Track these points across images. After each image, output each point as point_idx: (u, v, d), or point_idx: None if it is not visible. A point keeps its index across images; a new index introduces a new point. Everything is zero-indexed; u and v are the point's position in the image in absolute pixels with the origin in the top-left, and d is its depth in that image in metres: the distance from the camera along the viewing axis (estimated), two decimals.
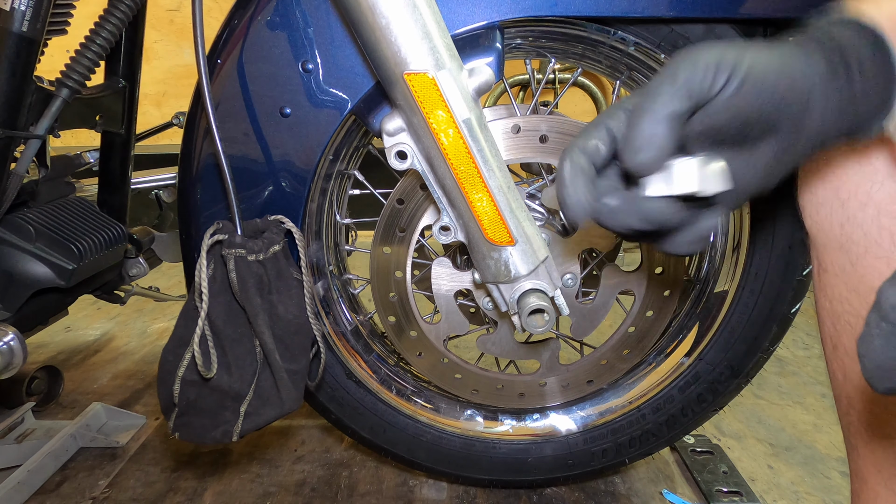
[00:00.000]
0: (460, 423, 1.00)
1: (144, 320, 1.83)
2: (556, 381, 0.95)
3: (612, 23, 0.77)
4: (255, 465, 1.13)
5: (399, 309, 0.89)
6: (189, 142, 0.80)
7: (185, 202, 0.82)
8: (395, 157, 0.71)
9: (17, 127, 0.82)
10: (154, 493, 1.07)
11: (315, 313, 0.79)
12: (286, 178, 0.80)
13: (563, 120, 0.79)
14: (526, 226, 0.72)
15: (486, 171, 0.68)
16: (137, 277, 1.15)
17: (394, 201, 0.82)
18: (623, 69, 0.87)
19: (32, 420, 1.22)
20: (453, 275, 0.86)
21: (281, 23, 0.73)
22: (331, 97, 0.75)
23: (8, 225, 0.87)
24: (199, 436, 0.79)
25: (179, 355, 0.75)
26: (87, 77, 0.87)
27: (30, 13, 0.77)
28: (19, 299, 0.88)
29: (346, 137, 0.84)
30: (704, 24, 0.76)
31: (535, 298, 0.74)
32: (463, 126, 0.65)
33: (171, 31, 2.44)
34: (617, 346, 0.92)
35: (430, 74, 0.63)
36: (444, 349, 0.91)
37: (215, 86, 0.75)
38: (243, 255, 0.73)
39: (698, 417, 0.95)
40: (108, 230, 0.99)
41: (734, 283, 0.89)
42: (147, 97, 2.46)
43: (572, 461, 0.99)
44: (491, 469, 1.00)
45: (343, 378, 0.95)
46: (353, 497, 1.04)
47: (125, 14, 0.89)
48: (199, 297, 0.73)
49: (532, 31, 0.80)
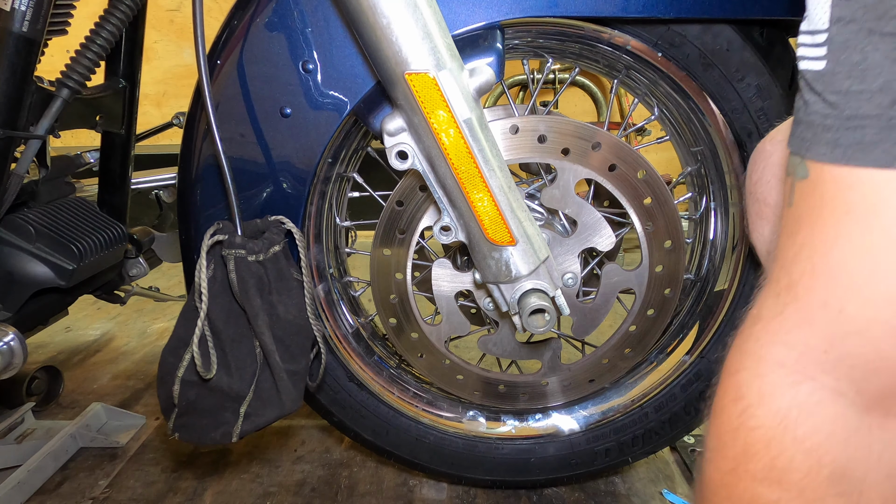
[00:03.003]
0: (463, 423, 1.00)
1: (144, 320, 1.83)
2: (557, 381, 0.95)
3: (611, 22, 0.77)
4: (255, 465, 1.13)
5: (400, 310, 0.89)
6: (189, 142, 0.80)
7: (185, 202, 0.82)
8: (395, 157, 0.71)
9: (17, 127, 0.81)
10: (154, 493, 1.07)
11: (315, 314, 0.79)
12: (286, 178, 0.80)
13: (562, 119, 0.79)
14: (527, 225, 0.72)
15: (486, 171, 0.68)
16: (137, 277, 1.15)
17: (393, 203, 0.82)
18: (621, 68, 0.87)
19: (32, 420, 1.22)
20: (454, 276, 0.86)
21: (280, 23, 0.73)
22: (331, 97, 0.75)
23: (8, 225, 0.87)
24: (198, 436, 0.79)
25: (179, 356, 0.75)
26: (87, 77, 0.87)
27: (30, 13, 0.77)
28: (19, 299, 0.88)
29: (346, 138, 0.84)
30: (701, 24, 0.76)
31: (536, 298, 0.74)
32: (464, 126, 0.65)
33: (171, 31, 2.44)
34: (618, 345, 0.92)
35: (431, 74, 0.63)
36: (446, 350, 0.91)
37: (215, 86, 0.75)
38: (243, 256, 0.73)
39: (701, 415, 0.95)
40: (108, 230, 0.99)
41: (734, 281, 0.89)
42: (147, 97, 2.46)
43: (575, 461, 0.99)
44: (494, 470, 1.00)
45: (345, 380, 0.95)
46: (353, 497, 1.04)
47: (125, 14, 0.89)
48: (198, 297, 0.73)
49: (530, 30, 0.80)
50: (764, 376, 0.39)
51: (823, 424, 0.37)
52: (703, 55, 0.78)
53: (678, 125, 0.91)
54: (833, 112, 0.35)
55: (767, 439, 0.39)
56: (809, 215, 0.37)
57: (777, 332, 0.39)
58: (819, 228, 0.37)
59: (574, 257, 0.83)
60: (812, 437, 0.38)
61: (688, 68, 0.79)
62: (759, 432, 0.39)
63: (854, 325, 0.35)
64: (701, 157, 0.90)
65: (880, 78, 0.33)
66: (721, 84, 0.79)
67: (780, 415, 0.38)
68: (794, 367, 0.38)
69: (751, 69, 0.78)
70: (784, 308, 0.39)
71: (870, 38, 0.33)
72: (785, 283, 0.39)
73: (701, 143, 0.88)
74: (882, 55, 0.33)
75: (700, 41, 0.77)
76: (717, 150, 0.86)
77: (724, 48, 0.77)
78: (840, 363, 0.36)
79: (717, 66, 0.78)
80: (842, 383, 0.37)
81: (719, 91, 0.79)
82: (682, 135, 0.92)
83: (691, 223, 0.99)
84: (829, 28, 0.35)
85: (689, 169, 0.94)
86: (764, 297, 0.41)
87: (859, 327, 0.35)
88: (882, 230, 0.34)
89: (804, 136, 0.37)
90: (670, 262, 0.85)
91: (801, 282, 0.38)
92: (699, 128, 0.86)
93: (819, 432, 0.37)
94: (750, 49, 0.77)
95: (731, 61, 0.77)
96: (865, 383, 0.36)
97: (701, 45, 0.77)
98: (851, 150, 0.34)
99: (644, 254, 0.85)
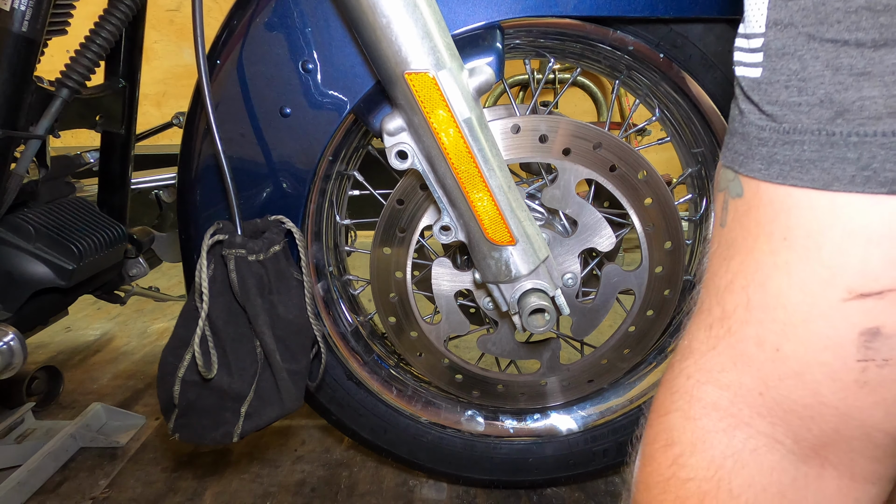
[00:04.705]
0: (461, 423, 1.00)
1: (144, 320, 1.83)
2: (556, 381, 0.95)
3: (612, 22, 0.77)
4: (255, 465, 1.13)
5: (399, 309, 0.89)
6: (189, 142, 0.80)
7: (185, 202, 0.82)
8: (395, 156, 0.71)
9: (17, 127, 0.81)
10: (154, 493, 1.07)
11: (315, 313, 0.79)
12: (286, 178, 0.80)
13: (563, 119, 0.79)
14: (526, 225, 0.72)
15: (486, 171, 0.68)
16: (137, 277, 1.15)
17: (394, 202, 0.82)
18: (622, 69, 0.86)
19: (32, 420, 1.22)
20: (453, 275, 0.86)
21: (280, 23, 0.73)
22: (330, 97, 0.75)
23: (8, 225, 0.87)
24: (199, 436, 0.79)
25: (179, 356, 0.75)
26: (87, 77, 0.87)
27: (30, 13, 0.77)
28: (19, 299, 0.88)
29: (346, 137, 0.84)
30: (703, 23, 0.76)
31: (535, 298, 0.74)
32: (463, 126, 0.65)
33: (171, 31, 2.44)
34: (617, 345, 0.91)
35: (431, 74, 0.63)
36: (445, 349, 0.91)
37: (215, 86, 0.75)
38: (244, 256, 0.73)
39: None
40: (108, 230, 0.99)
41: None
42: (147, 97, 2.46)
43: (573, 461, 0.99)
44: (492, 469, 1.00)
45: (343, 379, 0.95)
46: (353, 497, 1.04)
47: (125, 14, 0.89)
48: (199, 297, 0.73)
49: (531, 30, 0.80)
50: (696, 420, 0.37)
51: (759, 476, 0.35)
52: (705, 56, 0.78)
53: (679, 126, 0.91)
54: (770, 124, 0.32)
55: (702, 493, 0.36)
56: (745, 239, 0.34)
57: (710, 371, 0.36)
58: (755, 256, 0.33)
59: (574, 257, 0.83)
60: (747, 490, 0.35)
61: (689, 69, 0.79)
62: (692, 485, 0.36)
63: (791, 366, 0.32)
64: (702, 158, 0.90)
65: (820, 89, 0.29)
66: (723, 85, 0.79)
67: (714, 465, 0.35)
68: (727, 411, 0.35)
69: None
70: (717, 342, 0.36)
71: (809, 44, 0.29)
72: (718, 314, 0.36)
73: (702, 145, 0.88)
74: (822, 64, 0.29)
75: (702, 42, 0.77)
76: (717, 151, 0.86)
77: (727, 49, 0.77)
78: (776, 407, 0.34)
79: (719, 68, 0.78)
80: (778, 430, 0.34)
81: (721, 92, 0.79)
82: (683, 136, 0.92)
83: (691, 224, 0.99)
84: (765, 32, 0.31)
85: (689, 170, 0.94)
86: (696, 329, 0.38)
87: (796, 369, 0.32)
88: (821, 265, 0.31)
89: (738, 149, 0.34)
90: (670, 263, 0.85)
91: (734, 314, 0.35)
92: (700, 129, 0.86)
93: (754, 485, 0.35)
94: None
95: None
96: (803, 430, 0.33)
97: (703, 47, 0.77)
98: (788, 167, 0.31)
99: (644, 254, 0.85)
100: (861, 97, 0.29)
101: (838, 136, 0.29)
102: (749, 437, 0.35)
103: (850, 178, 0.29)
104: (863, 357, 0.30)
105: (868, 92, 0.28)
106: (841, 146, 0.29)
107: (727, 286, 0.35)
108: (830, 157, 0.30)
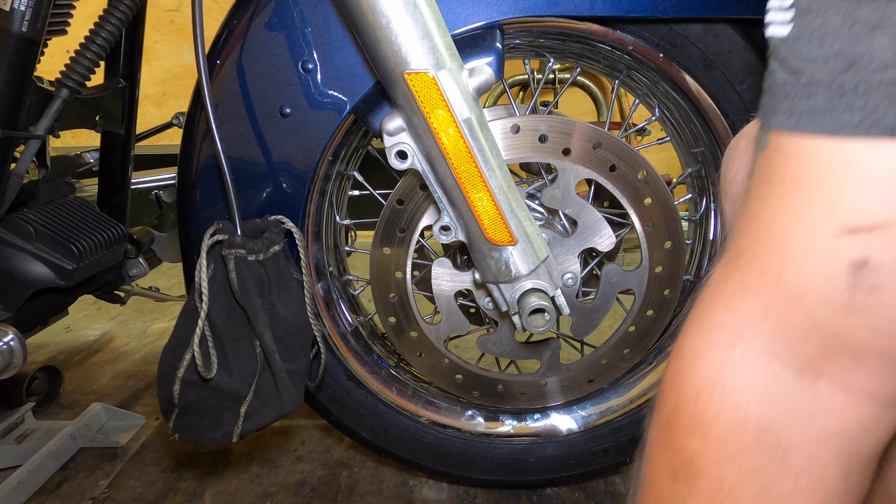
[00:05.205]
0: (461, 423, 1.00)
1: (144, 320, 1.83)
2: (556, 381, 0.95)
3: (612, 22, 0.77)
4: (255, 465, 1.13)
5: (399, 309, 0.89)
6: (189, 142, 0.80)
7: (185, 202, 0.82)
8: (395, 156, 0.71)
9: (17, 127, 0.82)
10: (154, 493, 1.07)
11: (315, 314, 0.79)
12: (286, 178, 0.79)
13: (563, 119, 0.79)
14: (526, 225, 0.72)
15: (486, 171, 0.68)
16: (137, 277, 1.15)
17: (393, 202, 0.82)
18: (622, 69, 0.86)
19: (32, 420, 1.22)
20: (453, 275, 0.86)
21: (280, 23, 0.73)
22: (330, 97, 0.75)
23: (8, 225, 0.87)
24: (199, 436, 0.79)
25: (179, 356, 0.75)
26: (87, 77, 0.87)
27: (30, 13, 0.77)
28: (19, 299, 0.88)
29: (346, 137, 0.84)
30: (703, 23, 0.76)
31: (535, 298, 0.74)
32: (463, 125, 0.65)
33: (171, 31, 2.44)
34: (617, 345, 0.91)
35: (431, 74, 0.63)
36: (445, 349, 0.91)
37: (215, 86, 0.75)
38: (243, 256, 0.73)
39: None
40: (108, 230, 0.98)
41: None
42: (147, 97, 2.46)
43: (573, 461, 0.99)
44: (492, 469, 1.00)
45: (343, 379, 0.95)
46: (353, 497, 1.04)
47: (125, 14, 0.89)
48: (198, 297, 0.73)
49: (531, 30, 0.80)
50: (702, 336, 0.41)
51: (753, 382, 0.38)
52: (705, 56, 0.78)
53: (679, 126, 0.91)
54: (792, 79, 0.34)
55: (696, 393, 0.40)
56: (762, 187, 0.38)
57: (721, 298, 0.40)
58: (767, 200, 0.37)
59: (574, 257, 0.83)
60: (741, 392, 0.39)
61: (689, 69, 0.79)
62: (690, 387, 0.41)
63: (789, 293, 0.36)
64: (701, 158, 0.90)
65: (837, 42, 0.32)
66: (723, 85, 0.79)
67: (711, 371, 0.40)
68: (731, 329, 0.39)
69: (753, 71, 0.78)
70: (731, 275, 0.40)
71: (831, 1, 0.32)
72: (734, 251, 0.40)
73: (701, 145, 0.88)
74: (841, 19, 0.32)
75: (702, 42, 0.77)
76: (717, 151, 0.86)
77: (726, 49, 0.77)
78: (775, 328, 0.37)
79: (719, 68, 0.78)
80: (776, 345, 0.38)
81: (721, 92, 0.79)
82: (683, 136, 0.92)
83: (691, 224, 0.99)
84: None
85: (689, 170, 0.94)
86: (717, 266, 0.42)
87: (793, 295, 0.36)
88: (821, 203, 0.34)
89: (767, 104, 0.37)
90: (670, 263, 0.85)
91: (746, 251, 0.39)
92: (700, 129, 0.86)
93: (748, 389, 0.39)
94: (752, 51, 0.77)
95: (733, 63, 0.77)
96: (799, 347, 0.37)
97: (703, 46, 0.77)
98: (804, 117, 0.34)
99: (644, 254, 0.85)
100: (871, 48, 0.31)
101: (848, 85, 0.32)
102: (747, 351, 0.39)
103: (857, 124, 0.32)
104: (851, 285, 0.34)
105: (878, 43, 0.31)
106: (850, 95, 0.32)
107: (743, 228, 0.39)
108: (840, 105, 0.32)
